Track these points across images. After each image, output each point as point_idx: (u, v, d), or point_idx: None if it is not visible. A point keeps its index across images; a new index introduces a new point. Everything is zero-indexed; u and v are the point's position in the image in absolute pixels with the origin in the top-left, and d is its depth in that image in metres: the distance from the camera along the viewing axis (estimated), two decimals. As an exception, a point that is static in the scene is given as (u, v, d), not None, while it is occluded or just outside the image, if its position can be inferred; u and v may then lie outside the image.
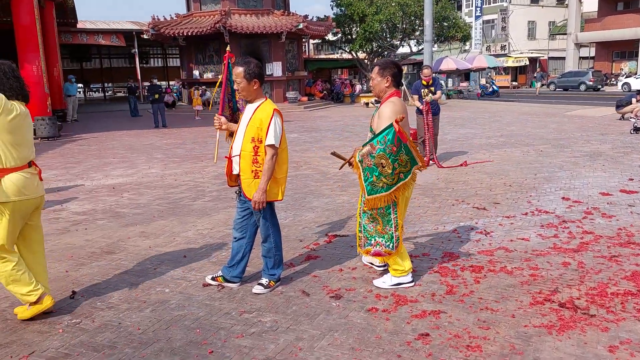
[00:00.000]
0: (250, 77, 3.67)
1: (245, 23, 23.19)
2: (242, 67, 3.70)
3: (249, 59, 3.75)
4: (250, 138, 3.64)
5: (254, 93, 3.73)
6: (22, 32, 13.77)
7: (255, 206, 3.65)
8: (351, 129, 15.08)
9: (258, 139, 3.62)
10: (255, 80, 3.69)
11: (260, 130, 3.60)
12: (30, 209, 3.45)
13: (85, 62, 42.74)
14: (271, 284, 3.89)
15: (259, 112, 3.67)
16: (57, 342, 3.17)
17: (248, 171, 3.68)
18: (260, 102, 3.73)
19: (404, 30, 28.89)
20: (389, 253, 3.80)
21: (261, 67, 3.78)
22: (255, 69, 3.69)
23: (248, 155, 3.65)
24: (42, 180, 3.56)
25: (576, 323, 3.23)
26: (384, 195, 3.69)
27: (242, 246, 3.93)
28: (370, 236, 3.85)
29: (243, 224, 3.91)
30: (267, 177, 3.62)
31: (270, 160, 3.60)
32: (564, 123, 15.14)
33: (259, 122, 3.62)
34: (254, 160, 3.65)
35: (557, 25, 46.35)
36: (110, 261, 4.58)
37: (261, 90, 3.78)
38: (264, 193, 3.63)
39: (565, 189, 6.84)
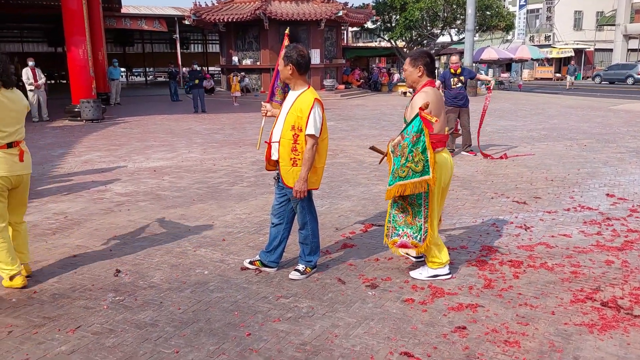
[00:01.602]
0: (287, 60, 3.68)
1: (285, 10, 23.19)
2: (285, 49, 3.75)
3: (296, 45, 3.77)
4: (290, 126, 3.65)
5: (290, 78, 3.74)
6: (70, 16, 14.13)
7: (297, 195, 3.67)
8: (388, 118, 14.96)
9: (298, 128, 3.62)
10: (291, 65, 3.67)
11: (300, 119, 3.61)
12: (6, 186, 3.63)
13: (128, 47, 43.61)
14: (307, 270, 3.93)
15: (299, 100, 3.67)
16: (101, 318, 3.29)
17: (287, 159, 3.70)
18: (302, 90, 3.73)
19: (445, 18, 28.33)
20: (415, 245, 3.75)
21: (303, 55, 3.72)
22: (294, 54, 3.68)
23: (287, 142, 3.67)
24: (22, 161, 3.70)
25: (619, 323, 3.15)
26: (395, 185, 3.65)
27: (279, 232, 3.97)
28: (398, 226, 3.81)
29: (281, 210, 3.95)
30: (308, 166, 3.62)
31: (311, 150, 3.60)
32: (610, 117, 14.63)
33: (299, 110, 3.63)
34: (292, 149, 3.65)
35: (605, 15, 44.59)
36: (151, 242, 4.71)
37: (303, 78, 3.76)
38: (305, 182, 3.64)
39: (610, 186, 6.64)
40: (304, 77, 3.78)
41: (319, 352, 2.89)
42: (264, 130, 4.26)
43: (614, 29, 41.26)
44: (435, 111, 3.68)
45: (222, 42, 27.52)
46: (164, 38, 42.99)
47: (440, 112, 3.78)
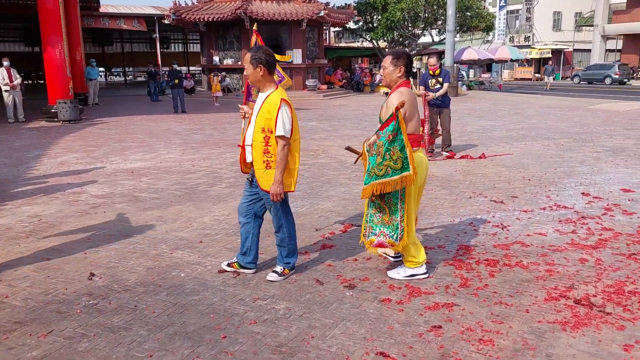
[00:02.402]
0: (256, 62, 3.59)
1: (266, 9, 23.13)
2: (250, 52, 3.65)
3: (259, 46, 3.71)
4: (261, 128, 3.60)
5: (261, 80, 3.66)
6: (46, 15, 13.91)
7: (274, 198, 3.64)
8: (370, 118, 15.00)
9: (268, 130, 3.57)
10: (261, 66, 3.59)
11: (270, 121, 3.56)
12: None
13: (107, 46, 43.11)
14: (285, 272, 3.91)
15: (267, 102, 3.61)
16: (74, 322, 3.24)
17: (260, 161, 3.66)
18: (270, 92, 3.66)
19: (426, 19, 28.54)
20: (392, 244, 3.76)
21: (271, 54, 3.66)
22: (262, 55, 3.60)
23: (259, 145, 3.63)
24: None
25: (591, 320, 3.19)
26: (371, 184, 3.65)
27: (249, 231, 3.91)
28: (375, 226, 3.82)
29: (249, 209, 3.89)
30: (282, 168, 3.59)
31: (282, 151, 3.56)
32: (587, 117, 14.87)
33: (267, 112, 3.57)
34: (265, 151, 3.62)
35: (583, 16, 45.34)
36: (127, 244, 4.65)
37: (271, 78, 3.69)
38: (280, 184, 3.60)
39: (586, 185, 6.74)
40: (272, 78, 3.72)
41: (295, 354, 2.88)
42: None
43: (592, 30, 41.95)
44: (410, 111, 3.72)
45: (202, 42, 27.35)
46: (143, 37, 42.60)
47: (415, 112, 3.80)
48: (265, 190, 3.68)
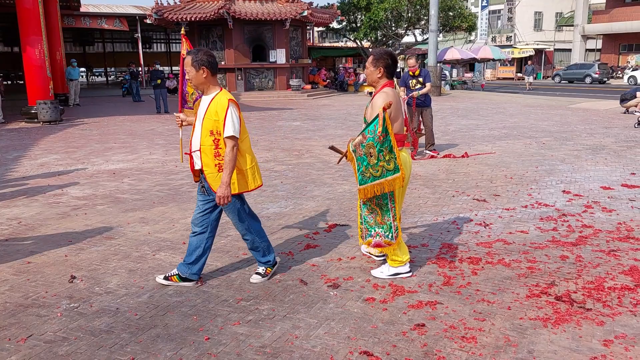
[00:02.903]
0: (198, 65, 3.48)
1: (249, 9, 23.04)
2: (190, 55, 3.53)
3: (199, 48, 3.59)
4: (209, 132, 3.49)
5: (204, 83, 3.55)
6: (25, 14, 13.70)
7: (220, 201, 3.50)
8: (354, 118, 15.04)
9: (217, 132, 3.47)
10: (204, 68, 3.48)
11: (218, 123, 3.45)
12: None
13: (88, 46, 42.60)
14: (268, 271, 3.88)
15: (213, 104, 3.50)
16: (55, 326, 3.19)
17: (211, 165, 3.54)
18: (215, 93, 3.55)
19: (409, 19, 28.67)
20: (388, 243, 3.80)
21: (212, 55, 3.57)
22: (203, 57, 3.50)
23: (209, 149, 3.51)
24: None
25: (572, 316, 3.24)
26: (371, 185, 3.66)
27: (202, 241, 3.74)
28: (370, 227, 3.85)
29: (204, 219, 3.72)
30: (230, 169, 3.47)
31: (231, 152, 3.45)
32: (568, 116, 15.07)
33: (215, 114, 3.46)
34: (215, 154, 3.51)
35: (564, 16, 45.96)
36: (109, 246, 4.60)
37: (214, 80, 3.58)
38: (228, 187, 3.48)
39: (566, 182, 6.83)
40: (216, 79, 3.62)
41: (279, 355, 2.87)
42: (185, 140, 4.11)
43: (572, 30, 42.55)
44: (395, 112, 3.73)
45: (185, 42, 27.12)
46: (125, 37, 42.17)
47: (399, 113, 3.82)
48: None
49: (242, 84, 24.36)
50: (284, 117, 15.79)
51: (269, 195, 6.35)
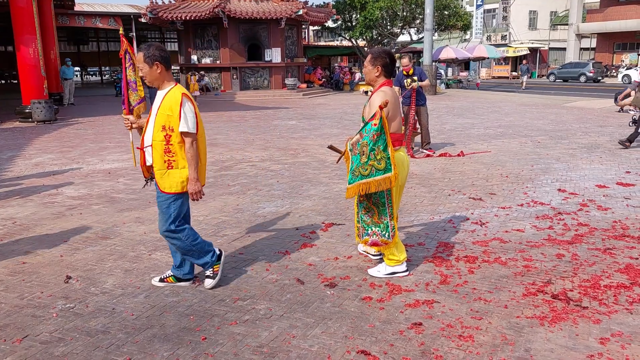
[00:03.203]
0: (151, 60, 3.40)
1: (245, 8, 23.00)
2: (142, 51, 3.44)
3: (150, 43, 3.51)
4: (161, 127, 3.40)
5: (159, 78, 3.46)
6: (19, 13, 13.63)
7: (193, 197, 3.47)
8: (350, 117, 15.04)
9: (169, 128, 3.38)
10: (157, 63, 3.41)
11: (171, 118, 3.37)
12: None
13: (83, 45, 42.44)
14: (215, 269, 3.71)
15: (167, 98, 3.42)
16: (50, 326, 3.18)
17: (160, 162, 3.45)
18: (169, 88, 3.46)
19: (405, 18, 28.68)
20: (385, 242, 3.80)
21: (164, 50, 3.49)
22: (156, 52, 3.42)
23: (159, 144, 3.42)
24: None
25: (568, 315, 3.24)
26: (357, 184, 3.63)
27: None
28: (367, 226, 3.85)
29: None
30: (194, 165, 3.41)
31: (192, 148, 3.39)
32: (563, 114, 15.12)
33: (169, 109, 3.38)
34: (166, 150, 3.42)
35: (558, 15, 46.09)
36: (104, 246, 4.58)
37: (169, 74, 3.50)
38: (197, 182, 3.45)
39: (562, 181, 6.85)
40: (171, 74, 3.52)
41: (276, 354, 2.86)
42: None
43: (567, 29, 42.68)
44: (393, 111, 3.73)
45: (180, 41, 27.07)
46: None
47: (397, 112, 3.82)
48: (165, 191, 3.48)
49: (238, 83, 24.32)
50: (280, 116, 15.78)
51: (265, 195, 6.34)
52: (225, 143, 10.49)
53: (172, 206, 3.52)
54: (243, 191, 6.52)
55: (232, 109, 18.03)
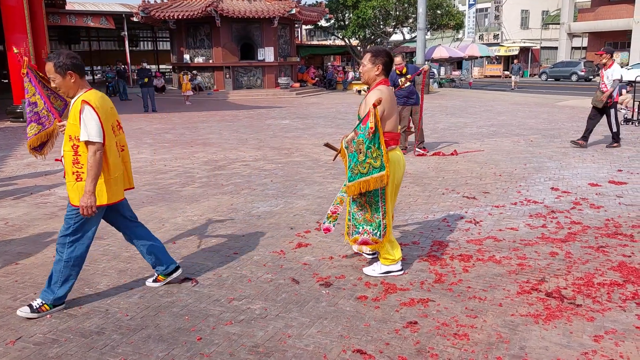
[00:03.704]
0: (63, 70, 3.18)
1: (237, 7, 22.94)
2: (51, 61, 3.21)
3: (60, 51, 3.30)
4: (69, 136, 3.22)
5: (73, 87, 3.25)
6: (9, 12, 13.53)
7: (84, 212, 3.18)
8: (343, 116, 15.05)
9: (75, 137, 3.18)
10: (70, 72, 3.19)
11: (75, 127, 3.17)
12: None
13: (74, 45, 42.15)
14: (43, 308, 3.30)
15: (73, 106, 3.21)
16: (44, 328, 3.16)
17: (70, 173, 3.25)
18: (78, 95, 3.24)
19: (397, 17, 28.72)
20: (376, 241, 3.79)
21: (76, 56, 3.27)
22: (67, 60, 3.20)
23: (68, 155, 3.24)
24: None
25: (562, 312, 3.26)
26: (358, 182, 3.64)
27: (145, 247, 3.64)
28: (358, 224, 3.84)
29: (130, 226, 3.62)
30: (92, 176, 3.15)
31: (92, 158, 3.13)
32: (555, 113, 15.20)
33: (72, 118, 3.18)
34: (74, 161, 3.22)
35: (550, 14, 46.33)
36: (98, 247, 4.55)
37: (84, 82, 3.29)
38: (91, 196, 3.16)
39: (555, 180, 6.88)
40: (85, 81, 3.33)
41: (272, 354, 2.86)
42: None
43: (558, 28, 42.91)
44: (388, 110, 3.73)
45: (172, 40, 26.98)
46: (112, 35, 41.81)
47: (394, 111, 3.82)
48: (75, 205, 3.26)
49: (231, 82, 24.27)
50: (273, 115, 15.75)
51: (259, 194, 6.33)
52: (219, 142, 10.46)
53: (76, 219, 3.31)
54: (237, 191, 6.51)
55: (225, 109, 17.98)
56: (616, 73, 8.65)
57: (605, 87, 8.78)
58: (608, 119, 9.06)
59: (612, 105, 8.89)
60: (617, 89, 8.84)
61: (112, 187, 3.34)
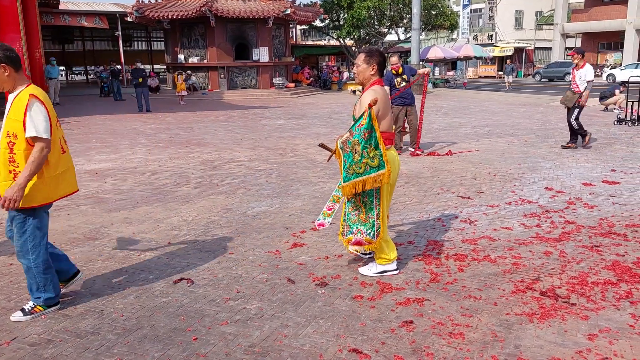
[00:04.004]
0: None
1: (232, 7, 22.92)
2: None
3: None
4: (6, 133, 3.08)
5: (8, 81, 3.13)
6: (2, 11, 13.47)
7: (5, 204, 3.01)
8: (338, 117, 15.06)
9: (13, 134, 3.05)
10: (4, 65, 3.07)
11: (17, 123, 3.04)
12: None
13: (68, 44, 42.00)
14: (36, 309, 3.29)
15: (15, 101, 3.10)
16: (39, 328, 3.14)
17: (5, 172, 3.10)
18: (19, 90, 3.13)
19: (392, 17, 28.78)
20: (369, 242, 3.79)
21: (10, 49, 3.14)
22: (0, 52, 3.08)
23: (3, 153, 3.08)
24: None
25: (557, 311, 3.28)
26: (353, 182, 3.65)
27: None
28: (352, 224, 3.84)
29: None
30: (30, 172, 3.01)
31: (39, 154, 3.02)
32: (549, 113, 15.27)
33: (15, 113, 3.06)
34: (10, 159, 3.07)
35: (544, 15, 46.54)
36: (93, 247, 4.54)
37: (20, 76, 3.17)
38: (20, 190, 3.01)
39: (549, 179, 6.92)
40: (23, 75, 3.20)
41: (268, 353, 2.86)
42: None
43: (552, 28, 43.10)
44: (383, 110, 3.74)
45: (167, 40, 26.92)
46: (105, 35, 41.64)
47: (388, 110, 3.83)
48: (24, 207, 3.13)
49: (225, 82, 24.24)
50: (268, 115, 15.75)
51: (254, 194, 6.32)
52: (213, 142, 10.45)
53: (28, 221, 3.18)
54: (232, 191, 6.50)
55: (220, 109, 17.96)
56: (589, 74, 8.78)
57: (577, 86, 8.89)
58: (569, 116, 9.17)
59: (580, 105, 8.99)
60: (588, 88, 8.92)
61: (52, 185, 3.21)
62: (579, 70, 8.82)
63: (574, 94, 8.92)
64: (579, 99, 8.84)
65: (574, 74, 8.95)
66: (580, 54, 8.84)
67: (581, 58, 8.80)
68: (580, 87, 8.81)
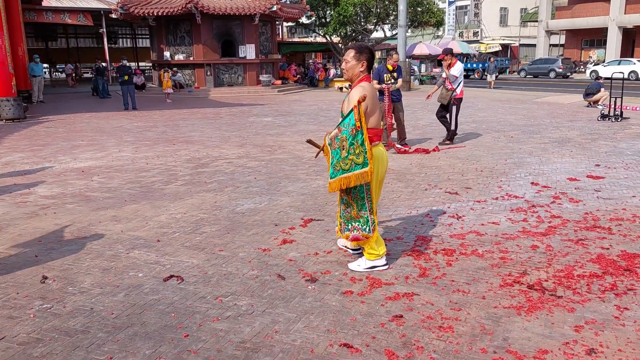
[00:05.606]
0: None
1: (218, 4, 22.78)
2: None
3: None
4: None
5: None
6: (-15, 8, 13.25)
7: None
8: (325, 114, 15.06)
9: None
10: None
11: None
12: None
13: (51, 42, 41.49)
14: None
15: None
16: (28, 327, 3.12)
17: None
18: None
19: (378, 14, 28.83)
20: (366, 237, 3.84)
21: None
22: None
23: None
24: None
25: (544, 304, 3.33)
26: (339, 178, 3.67)
27: None
28: (347, 222, 3.89)
29: None
30: None
31: None
32: (534, 110, 15.42)
33: None
34: None
35: (528, 12, 46.94)
36: (81, 246, 4.51)
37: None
38: None
39: (535, 175, 7.00)
40: None
41: (259, 349, 2.87)
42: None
43: (536, 25, 43.48)
44: (371, 106, 3.76)
45: (152, 37, 26.66)
46: (90, 32, 41.21)
47: (376, 107, 3.85)
48: None
49: (212, 79, 24.11)
50: (255, 112, 15.71)
51: (243, 192, 6.32)
52: (201, 140, 10.40)
53: None
54: (220, 188, 6.49)
55: (207, 106, 17.87)
56: (456, 70, 9.09)
57: (450, 85, 9.20)
58: (450, 114, 9.44)
59: (456, 101, 9.23)
60: (461, 84, 9.25)
61: None
62: (451, 69, 9.08)
63: (447, 92, 9.27)
64: (452, 96, 9.19)
65: (447, 73, 9.21)
66: (449, 54, 9.20)
67: (451, 57, 9.15)
68: (453, 85, 9.15)
